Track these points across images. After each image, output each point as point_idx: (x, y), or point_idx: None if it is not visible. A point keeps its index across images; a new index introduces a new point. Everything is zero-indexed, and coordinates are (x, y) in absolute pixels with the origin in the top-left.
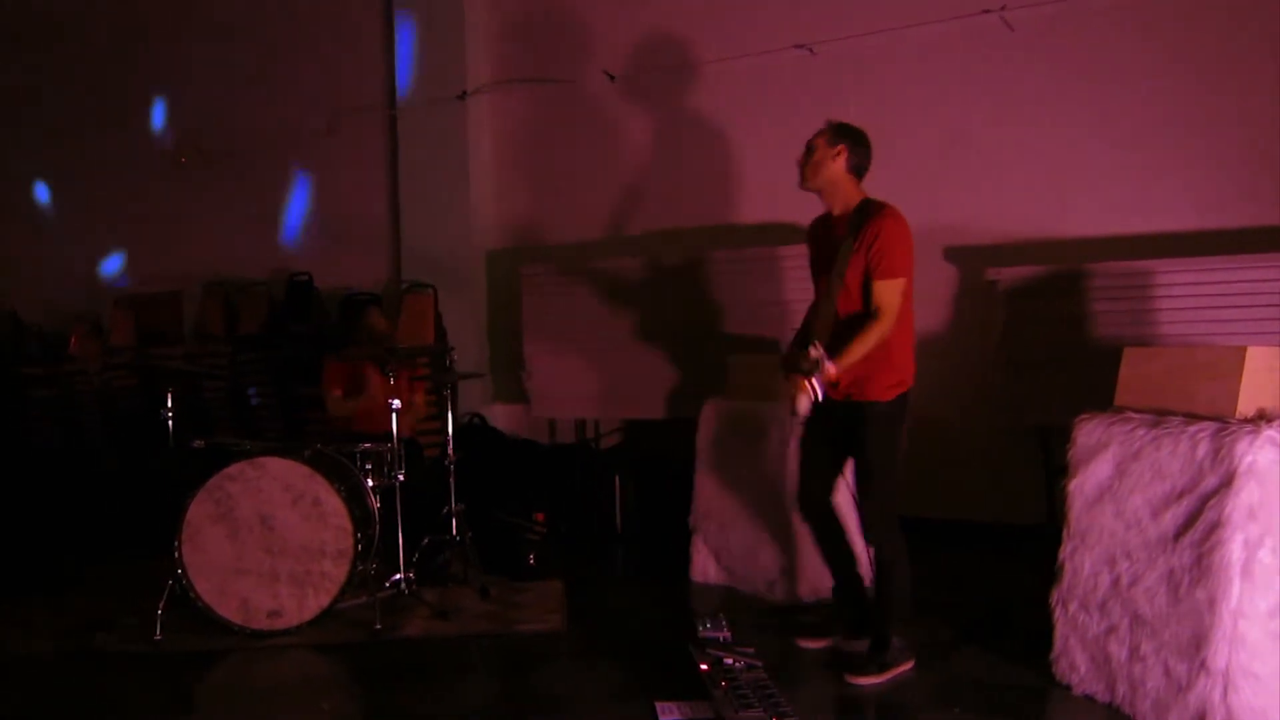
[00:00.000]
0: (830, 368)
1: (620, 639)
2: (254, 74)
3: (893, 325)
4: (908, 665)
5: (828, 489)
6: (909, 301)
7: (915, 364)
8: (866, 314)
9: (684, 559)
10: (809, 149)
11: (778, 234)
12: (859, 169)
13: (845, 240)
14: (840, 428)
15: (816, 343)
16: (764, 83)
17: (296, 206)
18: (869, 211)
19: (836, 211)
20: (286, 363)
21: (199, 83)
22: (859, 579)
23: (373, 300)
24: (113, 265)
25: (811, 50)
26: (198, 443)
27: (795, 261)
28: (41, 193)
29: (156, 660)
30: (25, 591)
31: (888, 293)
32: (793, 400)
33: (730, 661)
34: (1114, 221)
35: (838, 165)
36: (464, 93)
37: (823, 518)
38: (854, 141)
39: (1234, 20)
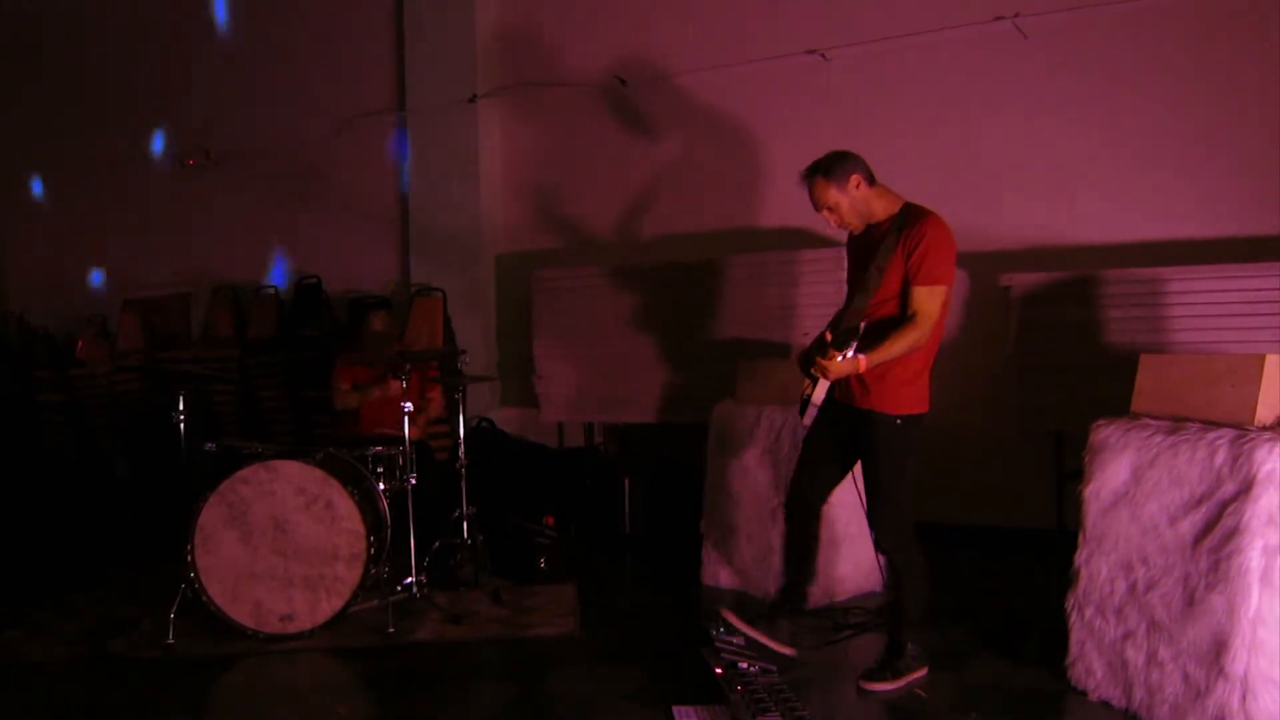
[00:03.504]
0: (861, 359)
1: (633, 643)
2: (263, 77)
3: (929, 333)
4: (921, 672)
5: (821, 492)
6: (941, 321)
7: (931, 390)
8: (902, 318)
9: (695, 563)
10: (831, 208)
11: (790, 238)
12: (871, 176)
13: (888, 237)
14: (851, 434)
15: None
16: (777, 88)
17: None
18: (914, 215)
19: (882, 219)
20: (296, 366)
21: (208, 86)
22: (804, 590)
23: (380, 304)
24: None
25: (824, 56)
26: (209, 446)
27: (808, 265)
28: (45, 193)
29: (169, 665)
30: (38, 597)
31: (928, 299)
32: (809, 386)
33: (745, 666)
34: (1128, 228)
35: (864, 190)
36: (474, 96)
37: (805, 519)
38: (852, 162)
39: (1247, 27)
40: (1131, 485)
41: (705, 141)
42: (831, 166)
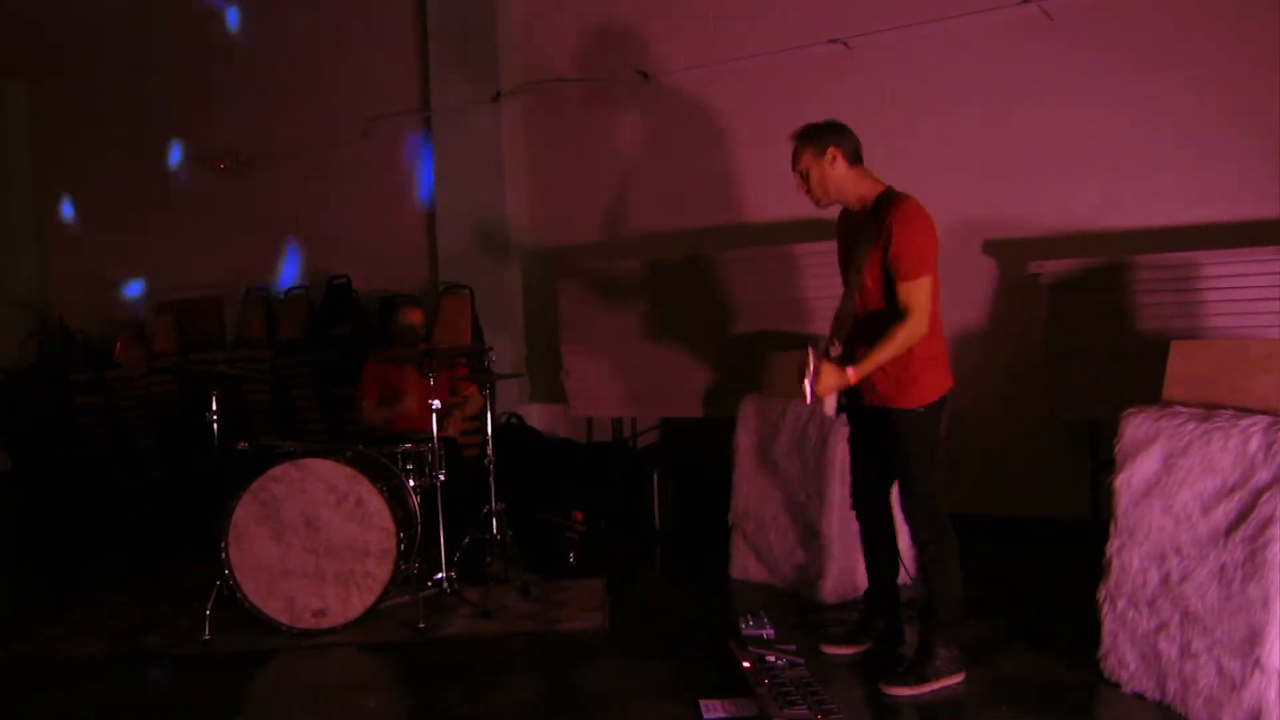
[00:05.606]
0: (850, 373)
1: (662, 636)
2: (290, 81)
3: (924, 327)
4: (955, 679)
5: (877, 491)
6: (937, 302)
7: (949, 365)
8: (891, 312)
9: (723, 556)
10: (804, 174)
11: (814, 230)
12: (855, 156)
13: (866, 229)
14: (876, 433)
15: (814, 348)
16: (802, 78)
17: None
18: (887, 204)
19: (856, 208)
20: (327, 365)
21: (235, 91)
22: (894, 589)
23: (410, 300)
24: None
25: (847, 44)
26: (241, 445)
27: (819, 259)
28: (82, 202)
29: (205, 660)
30: (76, 595)
31: (915, 293)
32: (802, 392)
33: (773, 659)
34: (1159, 212)
35: (839, 168)
36: (498, 94)
37: (871, 518)
38: (837, 135)
39: (1279, 4)
40: (1163, 474)
41: (732, 133)
42: (817, 133)
